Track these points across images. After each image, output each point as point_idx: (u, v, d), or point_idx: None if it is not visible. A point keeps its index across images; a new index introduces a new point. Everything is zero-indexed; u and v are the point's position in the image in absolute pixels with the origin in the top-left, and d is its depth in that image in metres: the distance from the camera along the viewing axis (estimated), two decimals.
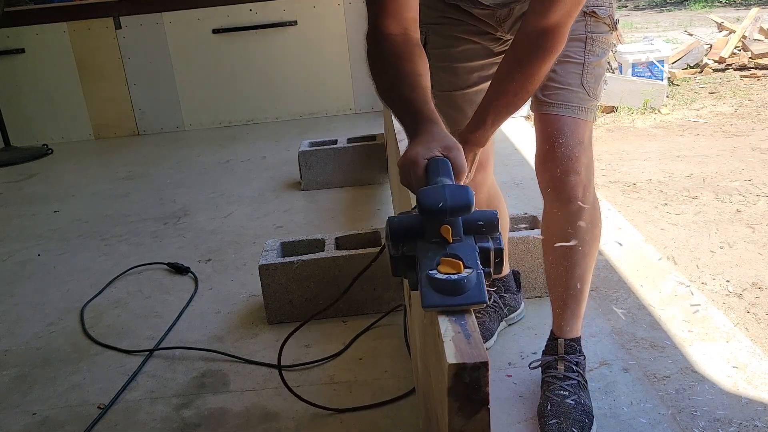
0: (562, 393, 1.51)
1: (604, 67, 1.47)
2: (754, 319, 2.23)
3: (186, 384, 1.82)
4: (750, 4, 11.85)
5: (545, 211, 1.48)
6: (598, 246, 1.53)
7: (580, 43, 1.42)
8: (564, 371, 1.54)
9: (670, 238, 2.91)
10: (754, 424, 1.46)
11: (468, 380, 0.75)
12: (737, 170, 3.79)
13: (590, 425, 1.46)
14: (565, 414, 1.47)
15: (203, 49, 5.05)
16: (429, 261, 0.86)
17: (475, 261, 0.85)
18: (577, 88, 1.42)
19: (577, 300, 1.53)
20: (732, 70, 6.78)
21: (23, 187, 4.11)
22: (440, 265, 0.85)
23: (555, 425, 1.45)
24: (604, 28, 1.44)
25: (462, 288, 0.82)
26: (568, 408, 1.48)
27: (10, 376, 1.94)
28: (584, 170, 1.40)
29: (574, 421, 1.45)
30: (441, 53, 1.55)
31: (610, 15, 1.43)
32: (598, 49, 1.43)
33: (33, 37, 5.04)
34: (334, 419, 1.61)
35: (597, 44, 1.43)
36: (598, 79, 1.45)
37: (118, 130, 5.23)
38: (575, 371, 1.54)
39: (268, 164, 3.99)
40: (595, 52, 1.43)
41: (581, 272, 1.50)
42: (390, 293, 2.07)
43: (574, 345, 1.56)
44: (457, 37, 1.54)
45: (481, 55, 1.54)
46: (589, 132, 1.44)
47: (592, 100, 1.44)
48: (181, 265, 2.55)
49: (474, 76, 1.56)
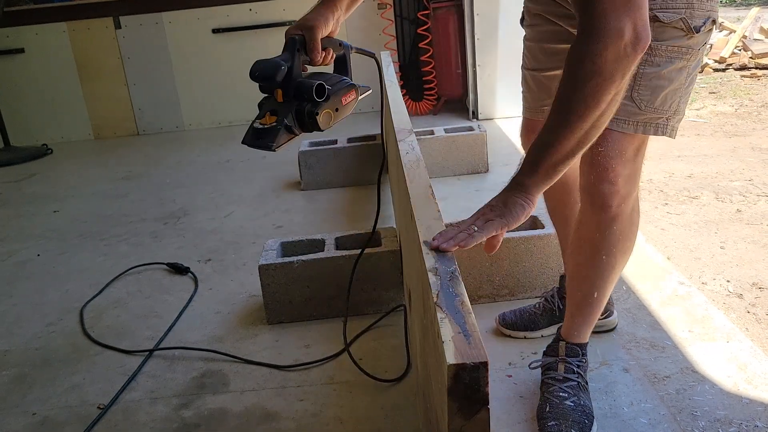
0: (562, 395, 1.50)
1: (673, 78, 1.33)
2: (755, 319, 2.22)
3: (186, 384, 1.81)
4: (750, 4, 11.84)
5: (579, 211, 1.46)
6: (625, 260, 1.48)
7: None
8: (564, 372, 1.53)
9: (670, 238, 2.90)
10: (754, 424, 1.46)
11: (468, 380, 0.75)
12: (737, 170, 3.79)
13: (590, 426, 1.46)
14: (564, 416, 1.46)
15: (203, 49, 5.05)
16: (260, 114, 1.21)
17: (288, 117, 1.17)
18: (626, 100, 1.33)
19: (591, 307, 1.51)
20: (732, 69, 6.78)
21: (23, 187, 4.11)
22: (261, 118, 1.20)
23: (554, 426, 1.45)
24: (674, 33, 1.30)
25: (263, 134, 1.16)
26: (567, 410, 1.47)
27: (10, 376, 1.94)
28: (622, 182, 1.36)
29: (573, 423, 1.44)
30: (528, 30, 1.59)
31: (682, 18, 1.28)
32: (660, 59, 1.31)
33: (33, 37, 5.04)
34: (334, 419, 1.61)
35: (658, 53, 1.31)
36: (657, 90, 1.33)
37: (117, 130, 5.23)
38: (575, 373, 1.53)
39: (268, 164, 3.98)
40: (654, 62, 1.32)
41: (603, 282, 1.47)
42: (390, 293, 2.07)
43: (576, 349, 1.54)
44: (543, 16, 1.53)
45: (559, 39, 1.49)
46: (636, 145, 1.37)
47: (644, 114, 1.35)
48: (180, 265, 2.55)
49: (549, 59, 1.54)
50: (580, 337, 1.55)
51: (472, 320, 0.83)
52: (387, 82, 2.79)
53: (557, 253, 2.03)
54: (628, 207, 1.40)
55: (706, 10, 1.31)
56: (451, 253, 1.10)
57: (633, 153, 1.37)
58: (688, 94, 1.40)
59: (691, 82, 1.38)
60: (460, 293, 0.96)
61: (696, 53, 1.34)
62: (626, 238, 1.44)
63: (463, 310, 0.89)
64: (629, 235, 1.45)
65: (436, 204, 1.41)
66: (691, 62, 1.35)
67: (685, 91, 1.38)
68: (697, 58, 1.36)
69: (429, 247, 1.10)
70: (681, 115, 1.40)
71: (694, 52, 1.34)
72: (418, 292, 1.26)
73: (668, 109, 1.36)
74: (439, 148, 3.30)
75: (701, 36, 1.33)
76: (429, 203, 1.40)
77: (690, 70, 1.36)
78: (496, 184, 3.14)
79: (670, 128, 1.38)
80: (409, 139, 1.93)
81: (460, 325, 0.82)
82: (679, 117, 1.39)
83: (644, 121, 1.35)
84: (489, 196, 1.17)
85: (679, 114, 1.39)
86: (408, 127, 1.96)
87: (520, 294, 2.06)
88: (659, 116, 1.36)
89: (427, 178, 1.59)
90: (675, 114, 1.38)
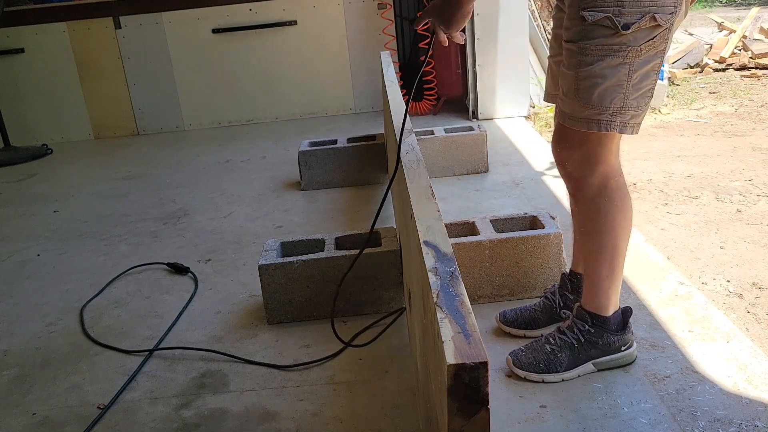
0: (551, 340, 1.67)
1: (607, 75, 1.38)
2: (755, 319, 2.22)
3: (186, 384, 1.81)
4: (750, 4, 11.84)
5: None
6: (618, 233, 1.57)
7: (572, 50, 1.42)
8: (566, 327, 1.67)
9: (670, 238, 2.90)
10: (754, 424, 1.46)
11: (467, 380, 0.75)
12: (737, 170, 3.79)
13: (544, 371, 1.63)
14: (534, 351, 1.66)
15: (203, 48, 5.04)
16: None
17: None
18: (571, 96, 1.44)
19: (600, 280, 1.61)
20: (732, 69, 6.77)
21: (23, 187, 4.11)
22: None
23: (519, 352, 1.68)
24: (602, 31, 1.35)
25: None
26: (541, 351, 1.66)
27: (10, 376, 1.94)
28: (572, 166, 1.53)
29: (534, 359, 1.65)
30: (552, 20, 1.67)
31: (608, 16, 1.34)
32: (591, 57, 1.38)
33: (33, 36, 5.04)
34: (334, 419, 1.61)
35: (588, 52, 1.38)
36: (592, 88, 1.40)
37: (117, 130, 5.23)
38: (574, 333, 1.65)
39: (268, 164, 3.98)
40: (585, 61, 1.39)
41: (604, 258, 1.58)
42: (390, 293, 2.07)
43: (585, 315, 1.64)
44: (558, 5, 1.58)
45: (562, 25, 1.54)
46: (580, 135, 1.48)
47: (585, 110, 1.42)
48: (180, 265, 2.55)
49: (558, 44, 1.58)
50: (592, 306, 1.64)
51: (472, 320, 0.83)
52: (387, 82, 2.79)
53: (557, 253, 2.03)
54: (589, 190, 1.53)
55: (643, 7, 1.33)
56: (451, 253, 1.10)
57: (578, 140, 1.48)
58: (640, 91, 1.41)
59: (642, 79, 1.40)
60: (460, 293, 0.96)
61: (636, 50, 1.36)
62: (601, 219, 1.55)
63: (463, 310, 0.89)
64: (603, 216, 1.54)
65: (436, 204, 1.41)
66: (631, 59, 1.37)
67: (633, 88, 1.40)
68: (642, 55, 1.37)
69: None
70: (634, 112, 1.43)
71: (631, 48, 1.36)
72: (418, 292, 1.26)
73: (610, 106, 1.41)
74: (439, 148, 3.30)
75: (638, 33, 1.35)
76: (429, 203, 1.40)
77: (634, 67, 1.38)
78: (496, 184, 3.15)
79: (620, 124, 1.43)
80: (409, 139, 1.93)
81: (460, 325, 0.82)
82: (631, 113, 1.43)
83: (587, 117, 1.43)
84: (489, 196, 1.17)
85: (628, 110, 1.42)
86: (408, 126, 1.95)
87: (520, 294, 2.06)
88: (600, 112, 1.41)
89: (427, 178, 1.59)
90: (621, 111, 1.41)
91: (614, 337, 1.64)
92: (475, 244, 2.01)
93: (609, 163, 1.52)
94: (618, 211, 1.54)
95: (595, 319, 1.64)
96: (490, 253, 2.01)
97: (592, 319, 1.64)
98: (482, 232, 2.06)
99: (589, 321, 1.64)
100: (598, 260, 1.59)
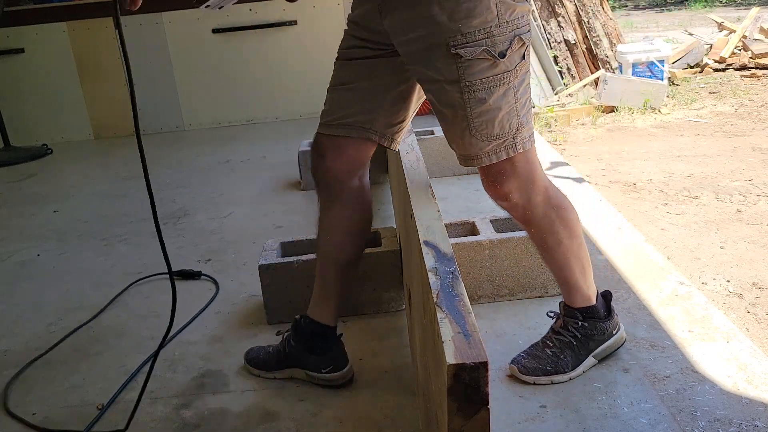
0: (548, 343, 1.68)
1: (501, 105, 1.37)
2: (755, 319, 2.22)
3: (186, 384, 1.81)
4: (750, 4, 11.84)
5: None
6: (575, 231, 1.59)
7: (457, 94, 1.37)
8: (560, 327, 1.68)
9: (670, 238, 2.91)
10: (754, 424, 1.46)
11: (467, 380, 0.75)
12: (737, 170, 3.79)
13: (551, 374, 1.63)
14: (536, 357, 1.66)
15: (203, 48, 5.04)
16: None
17: None
18: (468, 138, 1.42)
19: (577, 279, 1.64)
20: (732, 69, 6.78)
21: (23, 187, 4.11)
22: None
23: (521, 359, 1.67)
24: (482, 64, 1.33)
25: None
26: (542, 355, 1.66)
27: (10, 376, 1.94)
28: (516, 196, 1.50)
29: (538, 364, 1.64)
30: None
31: (485, 49, 1.32)
32: (481, 93, 1.35)
33: (33, 36, 5.03)
34: (334, 419, 1.61)
35: (476, 88, 1.35)
36: (491, 122, 1.38)
37: (118, 130, 5.22)
38: (569, 331, 1.66)
39: (268, 164, 3.98)
40: (477, 98, 1.36)
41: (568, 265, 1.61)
42: (390, 293, 2.07)
43: (573, 312, 1.67)
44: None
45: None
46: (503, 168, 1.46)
47: (489, 144, 1.41)
48: (191, 271, 2.50)
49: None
50: (570, 301, 1.67)
51: (472, 320, 0.83)
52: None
53: None
54: (537, 209, 1.53)
55: (509, 32, 1.35)
56: (451, 253, 1.10)
57: (509, 170, 1.47)
58: (525, 106, 1.44)
59: (523, 95, 1.42)
60: (460, 293, 0.96)
61: (515, 72, 1.38)
62: (558, 229, 1.56)
63: (463, 310, 0.89)
64: (559, 225, 1.56)
65: (436, 204, 1.42)
66: (512, 81, 1.38)
67: (521, 108, 1.42)
68: (519, 75, 1.39)
69: None
70: (527, 125, 1.45)
71: (512, 72, 1.37)
72: (418, 292, 1.26)
73: (510, 130, 1.42)
74: (439, 148, 3.30)
75: (512, 56, 1.36)
76: (429, 203, 1.40)
77: (516, 87, 1.40)
78: None
79: (521, 142, 1.44)
80: (409, 139, 1.93)
81: (460, 325, 0.82)
82: (525, 128, 1.45)
83: (493, 149, 1.43)
84: (489, 196, 1.17)
85: (525, 127, 1.44)
86: (408, 126, 1.95)
87: (520, 294, 2.06)
88: (503, 140, 1.42)
89: (427, 178, 1.59)
90: (519, 130, 1.43)
91: (605, 324, 1.68)
92: (475, 244, 2.01)
93: (541, 175, 1.54)
94: (567, 212, 1.57)
95: (585, 312, 1.66)
96: (490, 253, 2.01)
97: (583, 314, 1.66)
98: (482, 232, 2.06)
99: (580, 316, 1.66)
100: (570, 264, 1.61)
